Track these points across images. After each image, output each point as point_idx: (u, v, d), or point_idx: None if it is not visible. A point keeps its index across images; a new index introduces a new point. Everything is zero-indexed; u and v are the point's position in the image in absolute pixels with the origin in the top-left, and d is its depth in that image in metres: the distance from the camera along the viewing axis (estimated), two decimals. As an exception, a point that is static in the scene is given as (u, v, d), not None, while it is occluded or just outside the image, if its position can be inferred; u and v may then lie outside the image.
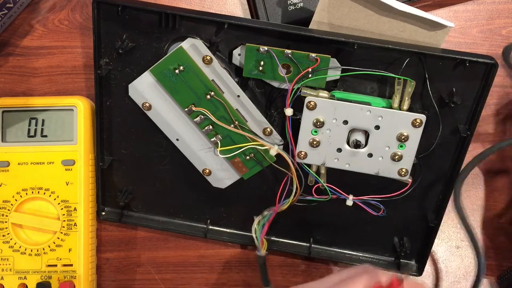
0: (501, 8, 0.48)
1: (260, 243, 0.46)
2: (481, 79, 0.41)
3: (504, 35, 0.48)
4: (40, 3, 0.48)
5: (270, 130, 0.44)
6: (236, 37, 0.42)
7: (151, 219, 0.50)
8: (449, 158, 0.44)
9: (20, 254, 0.47)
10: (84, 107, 0.46)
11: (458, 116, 0.43)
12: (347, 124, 0.41)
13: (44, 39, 0.49)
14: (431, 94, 0.42)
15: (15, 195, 0.47)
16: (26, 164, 0.47)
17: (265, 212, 0.46)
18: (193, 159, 0.46)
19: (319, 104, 0.41)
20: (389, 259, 0.49)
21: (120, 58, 0.44)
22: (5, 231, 0.47)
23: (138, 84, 0.43)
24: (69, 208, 0.47)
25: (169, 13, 0.41)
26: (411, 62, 0.41)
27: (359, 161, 0.42)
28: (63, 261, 0.47)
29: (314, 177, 0.44)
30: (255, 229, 0.45)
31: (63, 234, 0.47)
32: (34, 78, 0.49)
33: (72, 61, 0.49)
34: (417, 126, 0.41)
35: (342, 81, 0.43)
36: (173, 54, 0.42)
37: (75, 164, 0.47)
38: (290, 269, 0.51)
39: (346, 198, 0.44)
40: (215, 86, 0.43)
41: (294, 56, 0.40)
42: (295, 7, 0.45)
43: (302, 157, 0.43)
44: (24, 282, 0.47)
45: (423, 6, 0.48)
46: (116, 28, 0.43)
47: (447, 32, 0.41)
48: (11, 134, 0.47)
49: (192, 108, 0.43)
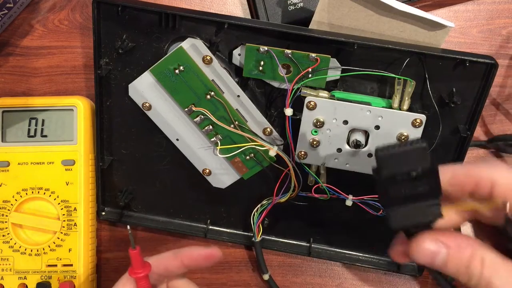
0: (501, 8, 0.48)
1: (256, 229, 0.46)
2: (481, 79, 0.41)
3: (504, 35, 0.48)
4: (40, 3, 0.48)
5: (270, 130, 0.44)
6: (236, 37, 0.42)
7: (151, 219, 0.50)
8: (449, 158, 0.44)
9: (20, 254, 0.47)
10: (84, 107, 0.46)
11: (458, 116, 0.43)
12: (347, 124, 0.41)
13: (44, 39, 0.49)
14: (431, 94, 0.42)
15: (15, 195, 0.47)
16: (26, 164, 0.47)
17: (264, 201, 0.46)
18: (193, 159, 0.46)
19: (319, 104, 0.41)
20: (389, 259, 0.49)
21: (120, 58, 0.44)
22: (5, 231, 0.47)
23: (138, 84, 0.43)
24: (69, 208, 0.47)
25: (169, 13, 0.41)
26: (411, 62, 0.41)
27: (359, 161, 0.42)
28: (63, 261, 0.47)
29: (313, 177, 0.44)
30: (254, 215, 0.46)
31: (63, 234, 0.47)
32: (34, 78, 0.49)
33: (72, 61, 0.49)
34: (417, 126, 0.41)
35: (342, 81, 0.43)
36: (173, 54, 0.42)
37: (75, 164, 0.47)
38: (290, 269, 0.51)
39: (345, 198, 0.44)
40: (215, 86, 0.43)
41: (294, 56, 0.40)
42: (295, 7, 0.45)
43: (302, 157, 0.43)
44: (24, 282, 0.47)
45: (423, 6, 0.48)
46: (116, 28, 0.43)
47: (447, 32, 0.41)
48: (11, 134, 0.47)
49: (192, 108, 0.43)
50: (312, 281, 0.51)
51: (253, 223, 0.47)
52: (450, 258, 0.28)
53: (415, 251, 0.29)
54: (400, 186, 0.28)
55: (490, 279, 0.27)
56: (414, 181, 0.27)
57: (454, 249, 0.28)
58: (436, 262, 0.29)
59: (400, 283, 0.50)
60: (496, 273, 0.28)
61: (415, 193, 0.28)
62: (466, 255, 0.28)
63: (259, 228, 0.47)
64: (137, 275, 0.37)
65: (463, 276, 0.28)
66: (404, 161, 0.27)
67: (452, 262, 0.28)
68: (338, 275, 0.51)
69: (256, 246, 0.48)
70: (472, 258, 0.28)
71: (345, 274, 0.51)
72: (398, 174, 0.27)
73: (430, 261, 0.29)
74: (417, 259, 0.29)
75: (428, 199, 0.28)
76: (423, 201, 0.28)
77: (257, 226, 0.47)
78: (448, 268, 0.29)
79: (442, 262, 0.28)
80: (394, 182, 0.27)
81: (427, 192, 0.28)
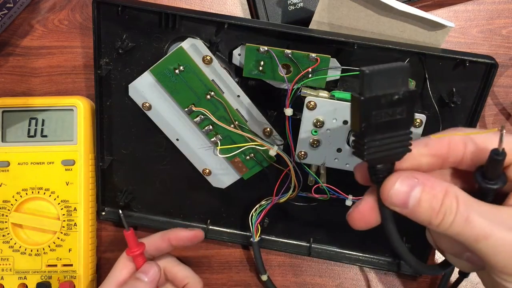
0: (501, 8, 0.48)
1: (254, 230, 0.46)
2: (481, 79, 0.41)
3: (504, 35, 0.48)
4: (40, 3, 0.48)
5: (270, 130, 0.44)
6: (236, 37, 0.42)
7: (151, 219, 0.50)
8: (449, 158, 0.44)
9: (20, 254, 0.47)
10: (84, 107, 0.46)
11: (458, 116, 0.43)
12: (347, 124, 0.41)
13: (44, 39, 0.49)
14: (431, 94, 0.42)
15: (15, 195, 0.47)
16: (26, 164, 0.47)
17: (263, 201, 0.46)
18: (193, 159, 0.46)
19: (319, 104, 0.41)
20: (389, 259, 0.49)
21: (120, 58, 0.44)
22: (5, 231, 0.47)
23: (138, 84, 0.43)
24: (69, 208, 0.47)
25: (169, 13, 0.41)
26: (411, 62, 0.41)
27: (359, 161, 0.42)
28: (63, 261, 0.47)
29: (313, 178, 0.44)
30: (252, 215, 0.46)
31: (63, 234, 0.47)
32: (34, 78, 0.49)
33: (72, 61, 0.49)
34: (417, 126, 0.41)
35: (342, 81, 0.42)
36: (173, 54, 0.42)
37: (75, 164, 0.47)
38: (290, 269, 0.51)
39: (345, 198, 0.44)
40: (215, 86, 0.43)
41: (294, 56, 0.40)
42: (295, 7, 0.45)
43: (302, 157, 0.43)
44: (24, 282, 0.47)
45: (423, 6, 0.48)
46: (116, 28, 0.43)
47: (447, 32, 0.41)
48: (11, 134, 0.47)
49: (192, 108, 0.43)
50: (312, 281, 0.51)
51: (251, 224, 0.47)
52: (424, 195, 0.27)
53: (388, 192, 0.27)
54: (381, 111, 0.26)
55: (469, 214, 0.26)
56: (394, 106, 0.26)
57: (428, 185, 0.27)
58: (409, 203, 0.27)
59: (400, 283, 0.50)
60: (473, 208, 0.26)
61: (393, 120, 0.27)
62: (440, 192, 0.27)
63: (258, 228, 0.47)
64: (134, 253, 0.42)
65: (437, 215, 0.27)
66: (389, 80, 0.26)
67: (426, 201, 0.27)
68: (338, 275, 0.51)
69: (255, 247, 0.48)
70: (447, 194, 0.27)
71: (345, 274, 0.51)
72: (382, 95, 0.26)
73: (403, 202, 0.27)
74: (391, 199, 0.27)
75: (402, 128, 0.27)
76: (398, 130, 0.27)
77: (255, 226, 0.47)
78: (421, 207, 0.27)
79: (416, 201, 0.27)
80: (377, 105, 0.26)
81: (403, 121, 0.27)
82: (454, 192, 0.27)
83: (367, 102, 0.26)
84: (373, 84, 0.26)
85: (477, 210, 0.26)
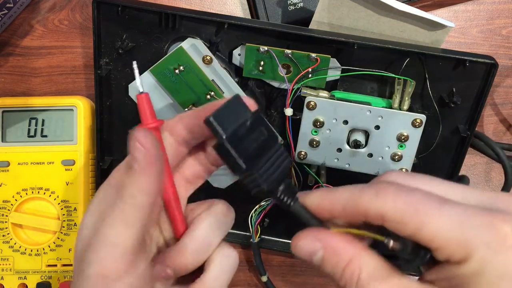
0: (501, 8, 0.48)
1: (254, 230, 0.46)
2: (481, 79, 0.41)
3: (504, 35, 0.48)
4: (40, 3, 0.48)
5: (270, 130, 0.44)
6: (236, 37, 0.42)
7: (151, 219, 0.50)
8: (449, 158, 0.44)
9: (20, 254, 0.47)
10: (84, 107, 0.46)
11: (458, 116, 0.43)
12: (347, 124, 0.41)
13: (44, 39, 0.49)
14: (431, 94, 0.42)
15: (15, 195, 0.47)
16: (26, 164, 0.47)
17: (262, 202, 0.46)
18: (193, 159, 0.46)
19: (319, 104, 0.41)
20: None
21: (120, 58, 0.44)
22: (5, 231, 0.47)
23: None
24: (69, 208, 0.47)
25: (169, 13, 0.41)
26: (411, 62, 0.41)
27: (359, 161, 0.42)
28: (63, 261, 0.47)
29: (313, 177, 0.44)
30: (252, 216, 0.46)
31: (63, 234, 0.47)
32: (34, 78, 0.49)
33: (72, 61, 0.49)
34: (417, 126, 0.41)
35: (342, 81, 0.42)
36: (173, 54, 0.42)
37: (75, 164, 0.47)
38: (290, 269, 0.51)
39: (346, 198, 0.44)
40: (215, 86, 0.43)
41: (294, 56, 0.40)
42: (295, 7, 0.45)
43: (302, 157, 0.43)
44: (24, 282, 0.47)
45: (423, 6, 0.48)
46: (116, 28, 0.43)
47: (447, 32, 0.41)
48: (11, 134, 0.47)
49: (192, 108, 0.43)
50: (312, 281, 0.51)
51: (251, 224, 0.46)
52: (327, 258, 0.27)
53: (294, 246, 0.28)
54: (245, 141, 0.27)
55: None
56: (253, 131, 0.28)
57: (330, 251, 0.27)
58: (313, 260, 0.27)
59: (400, 283, 0.50)
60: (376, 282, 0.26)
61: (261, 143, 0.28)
62: (343, 259, 0.26)
63: (258, 229, 0.47)
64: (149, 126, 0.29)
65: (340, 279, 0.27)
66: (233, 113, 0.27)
67: (328, 264, 0.27)
68: (338, 275, 0.51)
69: (254, 247, 0.47)
70: (350, 263, 0.26)
71: (345, 274, 0.51)
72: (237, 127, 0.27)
73: (309, 258, 0.28)
74: (296, 254, 0.28)
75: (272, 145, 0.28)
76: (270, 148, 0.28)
77: (255, 227, 0.46)
78: (325, 266, 0.27)
79: (319, 261, 0.27)
80: (239, 138, 0.27)
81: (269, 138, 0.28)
82: (358, 262, 0.26)
83: (230, 139, 0.27)
84: (224, 124, 0.27)
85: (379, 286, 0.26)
